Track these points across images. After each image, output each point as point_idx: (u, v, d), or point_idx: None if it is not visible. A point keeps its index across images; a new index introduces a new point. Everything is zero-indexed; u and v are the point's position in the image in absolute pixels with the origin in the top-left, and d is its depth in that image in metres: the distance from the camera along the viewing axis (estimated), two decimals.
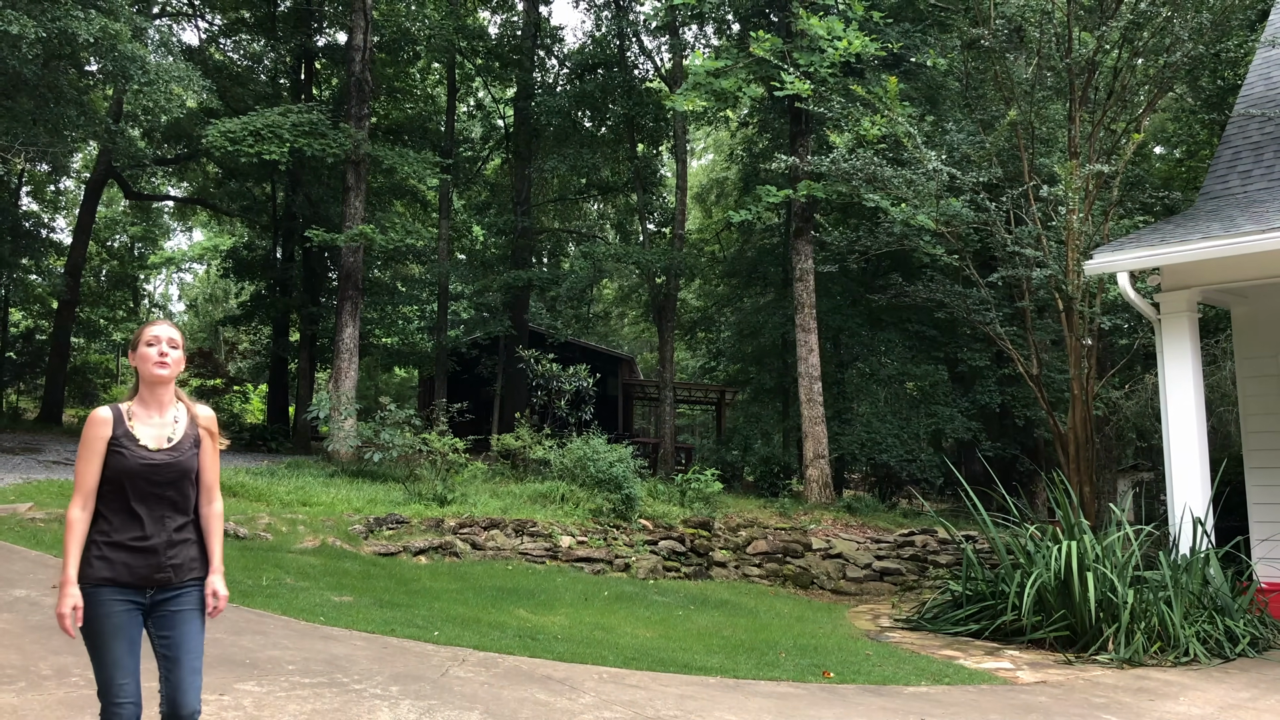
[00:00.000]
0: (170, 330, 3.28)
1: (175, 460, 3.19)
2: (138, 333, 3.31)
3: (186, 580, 3.23)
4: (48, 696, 4.61)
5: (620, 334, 39.79)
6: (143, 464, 3.13)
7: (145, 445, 3.16)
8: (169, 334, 3.28)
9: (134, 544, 3.12)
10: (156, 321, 3.33)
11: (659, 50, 22.58)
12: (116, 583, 3.10)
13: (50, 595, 6.56)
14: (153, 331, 3.26)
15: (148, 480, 3.14)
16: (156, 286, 46.89)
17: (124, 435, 3.17)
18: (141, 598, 3.14)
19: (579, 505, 12.32)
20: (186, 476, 3.22)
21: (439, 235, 22.47)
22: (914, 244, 13.23)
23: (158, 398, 3.26)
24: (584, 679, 5.88)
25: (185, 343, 3.34)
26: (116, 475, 3.13)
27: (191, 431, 3.29)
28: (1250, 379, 9.80)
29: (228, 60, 24.84)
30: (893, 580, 12.39)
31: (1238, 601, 8.05)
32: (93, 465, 3.15)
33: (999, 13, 11.21)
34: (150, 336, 3.25)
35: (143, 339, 3.26)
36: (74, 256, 22.88)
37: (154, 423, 3.23)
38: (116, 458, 3.13)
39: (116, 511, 3.14)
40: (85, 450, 3.17)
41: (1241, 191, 10.28)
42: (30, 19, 12.72)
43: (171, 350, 3.25)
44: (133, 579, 3.12)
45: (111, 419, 3.19)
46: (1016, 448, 19.74)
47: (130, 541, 3.12)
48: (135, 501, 3.13)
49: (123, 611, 3.11)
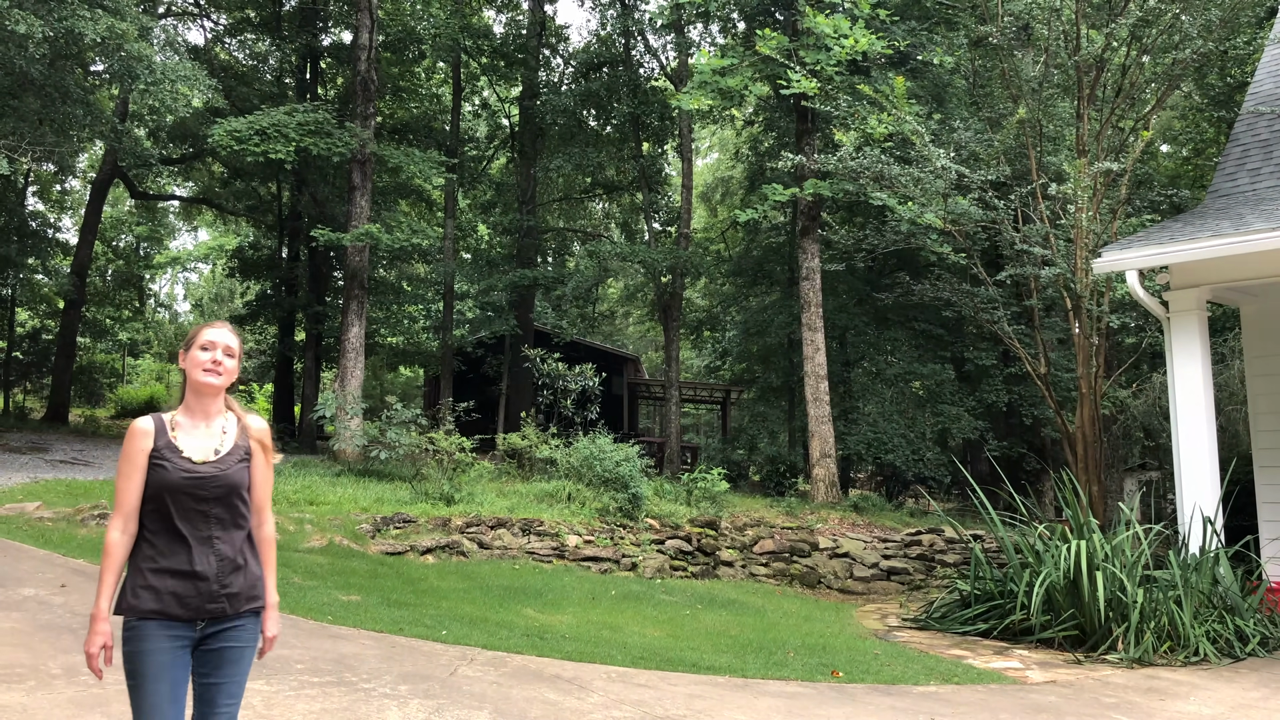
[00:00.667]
0: (228, 335, 2.95)
1: (222, 473, 2.85)
2: (192, 332, 2.97)
3: (244, 610, 2.87)
4: (57, 695, 4.61)
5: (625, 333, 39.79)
6: (185, 477, 2.79)
7: (189, 457, 2.83)
8: (226, 339, 2.94)
9: (183, 570, 2.76)
10: (215, 323, 2.98)
11: (664, 49, 22.55)
12: (165, 615, 2.74)
13: (59, 594, 6.57)
14: (209, 335, 2.93)
15: (191, 496, 2.79)
16: (162, 286, 47.01)
17: (166, 446, 2.84)
18: (191, 631, 2.79)
19: (585, 505, 12.31)
20: (236, 492, 2.88)
21: (444, 234, 22.47)
22: (921, 242, 13.20)
23: (205, 406, 2.93)
24: (592, 678, 5.87)
25: (241, 349, 3.01)
26: (158, 491, 2.79)
27: (242, 443, 2.96)
28: (1259, 377, 9.76)
29: (233, 60, 24.88)
30: (900, 579, 12.37)
31: (1248, 601, 8.02)
32: (133, 481, 2.81)
33: (1006, 10, 11.18)
34: (205, 340, 2.91)
35: (196, 341, 2.92)
36: (80, 256, 22.93)
37: (200, 433, 2.90)
38: (158, 471, 2.80)
39: (160, 533, 2.80)
40: (125, 465, 2.83)
41: (1250, 189, 10.24)
42: (37, 19, 12.74)
43: (226, 359, 2.92)
44: (183, 611, 2.75)
45: (153, 429, 2.86)
46: (1024, 447, 19.70)
47: (179, 567, 2.76)
48: (179, 520, 2.79)
49: (170, 649, 2.75)
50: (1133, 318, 11.51)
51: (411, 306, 25.67)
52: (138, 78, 14.51)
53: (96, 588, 2.74)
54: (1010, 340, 12.05)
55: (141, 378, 38.34)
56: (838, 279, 19.61)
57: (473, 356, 24.48)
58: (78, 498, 10.05)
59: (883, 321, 20.29)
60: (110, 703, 4.55)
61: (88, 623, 5.90)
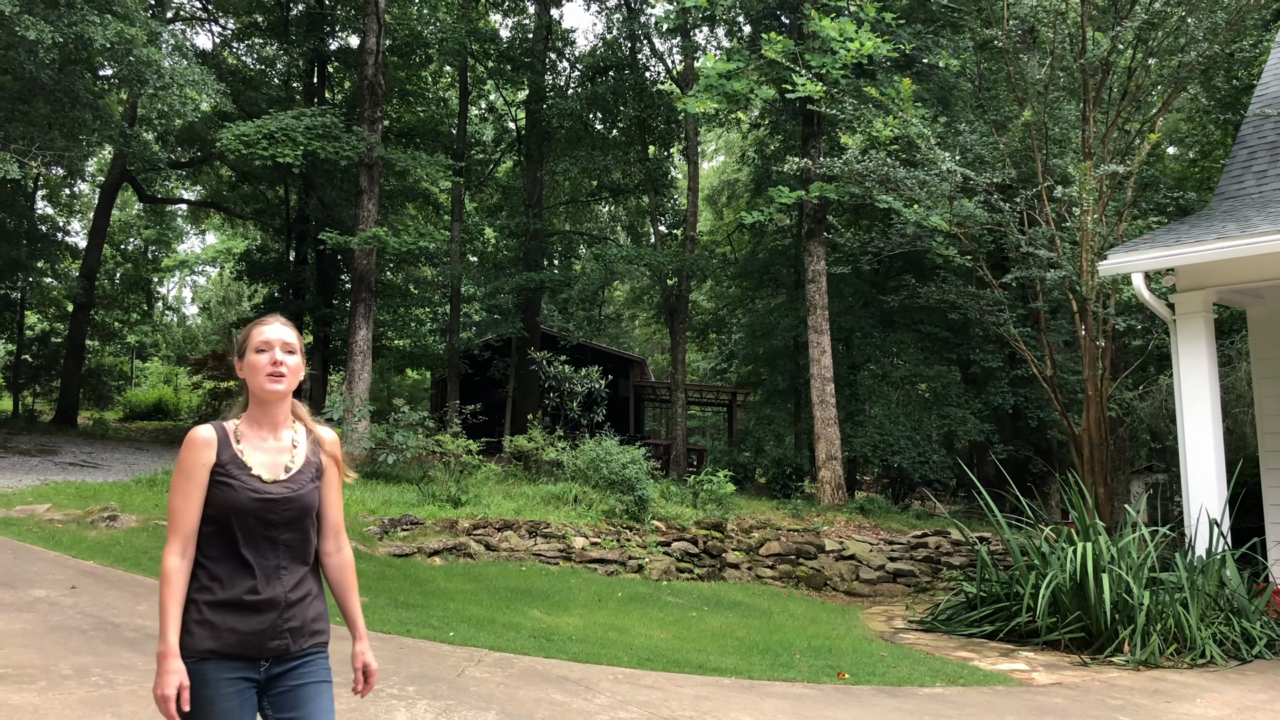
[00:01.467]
0: (285, 331, 2.61)
1: (295, 494, 2.52)
2: (244, 335, 2.63)
3: (309, 647, 2.55)
4: (68, 696, 4.64)
5: (632, 336, 39.82)
6: (256, 499, 2.46)
7: (258, 475, 2.50)
8: (283, 335, 2.59)
9: (244, 603, 2.43)
10: (267, 320, 2.63)
11: (670, 52, 22.61)
12: (224, 655, 2.42)
13: (70, 596, 6.62)
14: (263, 334, 2.58)
15: (261, 520, 2.47)
16: (170, 289, 47.19)
17: (231, 461, 2.50)
18: (255, 672, 2.47)
19: (592, 507, 12.34)
20: (308, 515, 2.56)
21: (451, 238, 22.53)
22: (927, 245, 13.21)
23: (272, 416, 2.59)
24: (599, 679, 5.90)
25: (302, 343, 2.66)
26: (222, 513, 2.45)
27: (314, 458, 2.64)
28: (1266, 380, 9.75)
29: (241, 64, 24.98)
30: (906, 582, 12.37)
31: (1254, 603, 8.01)
32: (193, 500, 2.46)
33: (1012, 13, 11.19)
34: (260, 341, 2.57)
35: (251, 343, 2.58)
36: (89, 260, 23.04)
37: (268, 446, 2.57)
38: (223, 490, 2.46)
39: (220, 561, 2.46)
40: (182, 480, 2.48)
41: (1257, 191, 10.24)
42: (47, 24, 12.82)
43: (288, 356, 2.57)
44: (243, 649, 2.43)
45: (216, 440, 2.51)
46: (1030, 449, 19.68)
47: (240, 600, 2.43)
48: (245, 548, 2.45)
49: (233, 692, 2.43)
50: (1139, 320, 11.51)
51: (418, 309, 25.74)
52: (146, 82, 14.60)
53: (160, 622, 2.40)
54: (1016, 343, 12.05)
55: (150, 380, 38.50)
56: (844, 282, 19.62)
57: (479, 359, 24.53)
58: (87, 500, 10.11)
59: (889, 324, 20.30)
60: (121, 703, 4.59)
61: (97, 624, 5.97)
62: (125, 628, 6.00)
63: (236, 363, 2.64)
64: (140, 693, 4.77)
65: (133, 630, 5.96)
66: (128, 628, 6.00)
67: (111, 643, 5.62)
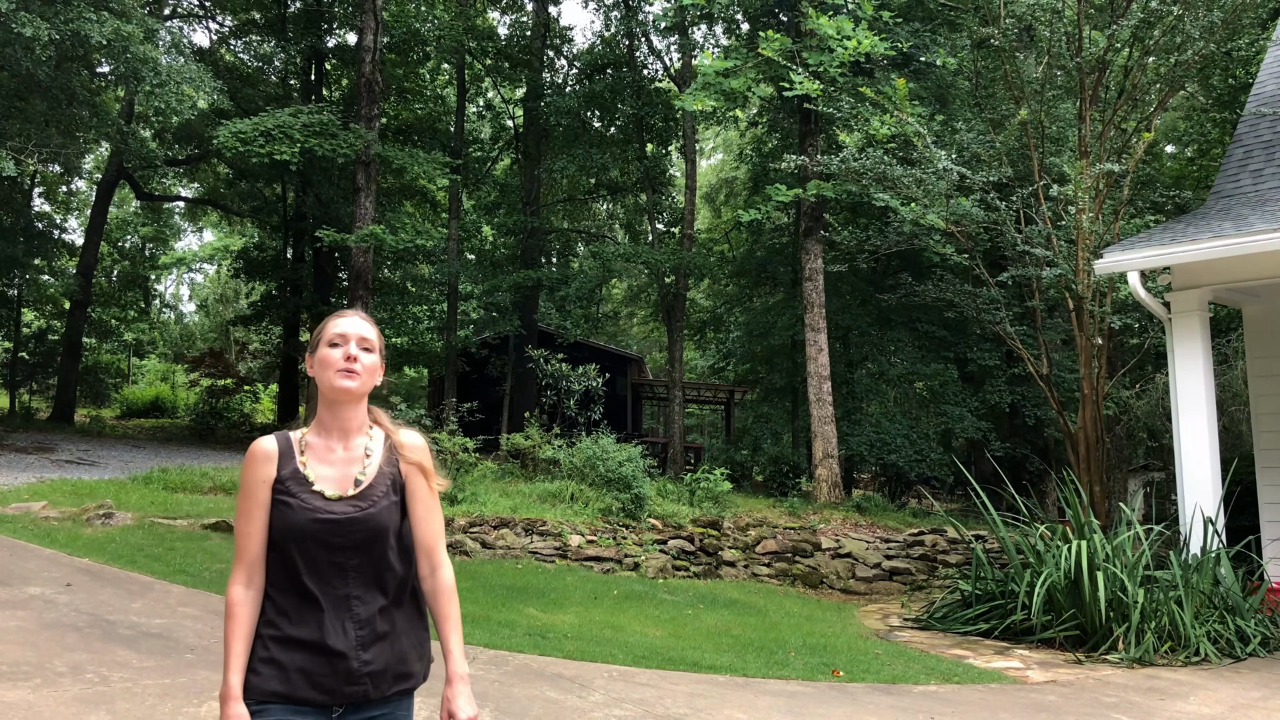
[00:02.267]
0: (362, 324, 2.31)
1: (363, 514, 2.18)
2: (317, 330, 2.35)
3: (391, 694, 2.21)
4: (63, 693, 4.65)
5: (629, 334, 39.83)
6: (315, 520, 2.15)
7: (320, 490, 2.19)
8: (359, 329, 2.29)
9: (313, 641, 2.14)
10: (344, 312, 2.35)
11: (668, 50, 22.58)
12: (291, 699, 2.13)
13: (65, 593, 6.61)
14: (337, 327, 2.29)
15: (324, 544, 2.15)
16: (167, 287, 47.16)
17: (292, 477, 2.20)
18: (326, 718, 2.17)
19: (588, 504, 12.35)
20: (382, 537, 2.20)
21: (448, 235, 22.52)
22: (924, 243, 13.22)
23: (342, 421, 2.27)
24: (594, 677, 5.90)
25: (381, 343, 2.37)
26: (281, 537, 2.17)
27: (390, 469, 2.28)
28: (1261, 378, 9.77)
29: (238, 61, 24.97)
30: (902, 580, 12.38)
31: (1249, 601, 8.03)
32: (255, 522, 2.18)
33: (1009, 12, 11.19)
34: (333, 334, 2.28)
35: (324, 336, 2.30)
36: (86, 257, 23.03)
37: (336, 457, 2.25)
38: (281, 510, 2.17)
39: (286, 591, 2.17)
40: (244, 501, 2.21)
41: (1253, 190, 10.25)
42: (44, 21, 12.81)
43: (363, 353, 2.27)
44: (314, 693, 2.13)
45: (276, 452, 2.23)
46: (1026, 447, 19.71)
47: (308, 637, 2.14)
48: (308, 576, 2.15)
49: None
50: (1135, 319, 11.52)
51: (416, 307, 25.73)
52: (143, 80, 14.58)
53: (224, 658, 2.15)
54: (1013, 341, 12.06)
55: (147, 378, 38.48)
56: (841, 280, 19.63)
57: (477, 357, 24.53)
58: (83, 497, 10.11)
59: (886, 322, 20.31)
60: (116, 700, 4.59)
61: (92, 621, 5.97)
62: (120, 625, 6.00)
63: (307, 359, 2.35)
64: (135, 690, 4.77)
65: (128, 628, 5.96)
66: (123, 625, 6.00)
67: (107, 640, 5.62)
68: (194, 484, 11.61)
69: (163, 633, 5.95)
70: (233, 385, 23.66)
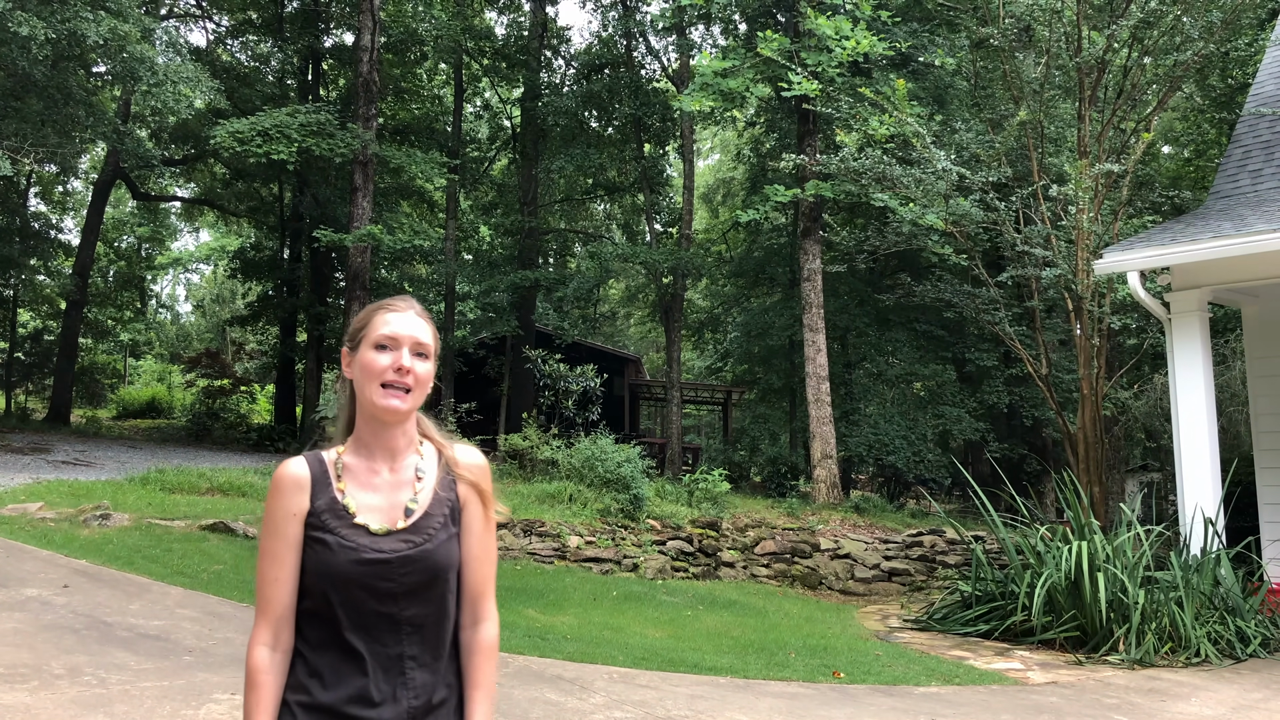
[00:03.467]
0: (418, 324, 1.83)
1: (418, 550, 1.75)
2: (363, 318, 1.86)
3: None
4: (60, 695, 4.62)
5: (627, 334, 39.81)
6: (360, 561, 1.72)
7: (364, 524, 1.76)
8: (415, 330, 1.82)
9: (353, 710, 1.70)
10: (396, 304, 1.86)
11: (666, 50, 22.56)
12: None
13: (62, 595, 6.58)
14: (388, 325, 1.81)
15: (370, 591, 1.72)
16: (164, 287, 47.11)
17: (329, 509, 1.77)
18: None
19: (587, 505, 12.32)
20: (441, 578, 1.77)
21: (446, 235, 22.49)
22: (922, 244, 13.21)
23: (388, 439, 1.83)
24: (594, 678, 5.88)
25: (438, 344, 1.89)
26: (317, 582, 1.73)
27: (447, 494, 1.84)
28: (1261, 379, 9.77)
29: (235, 61, 24.91)
30: (901, 581, 12.37)
31: (1249, 602, 8.02)
32: (284, 565, 1.76)
33: (1008, 12, 11.19)
34: (383, 334, 1.80)
35: (370, 334, 1.82)
36: (82, 257, 22.97)
37: (381, 481, 1.81)
38: (316, 551, 1.74)
39: (322, 649, 1.74)
40: (269, 539, 1.77)
41: (1252, 190, 10.24)
42: (40, 20, 12.76)
43: (418, 362, 1.81)
44: None
45: (309, 479, 1.79)
46: (1025, 448, 19.71)
47: (349, 709, 1.70)
48: (352, 631, 1.72)
49: None
50: (1134, 319, 11.52)
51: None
52: (140, 79, 14.54)
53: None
54: (1012, 341, 12.06)
55: (143, 379, 38.42)
56: (839, 280, 19.62)
57: (474, 357, 24.49)
58: (80, 498, 10.07)
59: (884, 322, 20.30)
60: (114, 703, 4.56)
61: (89, 623, 5.94)
62: (118, 627, 5.97)
63: (344, 355, 1.87)
64: (133, 692, 4.74)
65: (125, 630, 5.93)
66: (120, 627, 5.97)
67: (104, 642, 5.59)
68: (191, 485, 11.57)
69: (160, 634, 5.92)
70: (229, 386, 23.62)
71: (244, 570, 8.09)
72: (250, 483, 11.69)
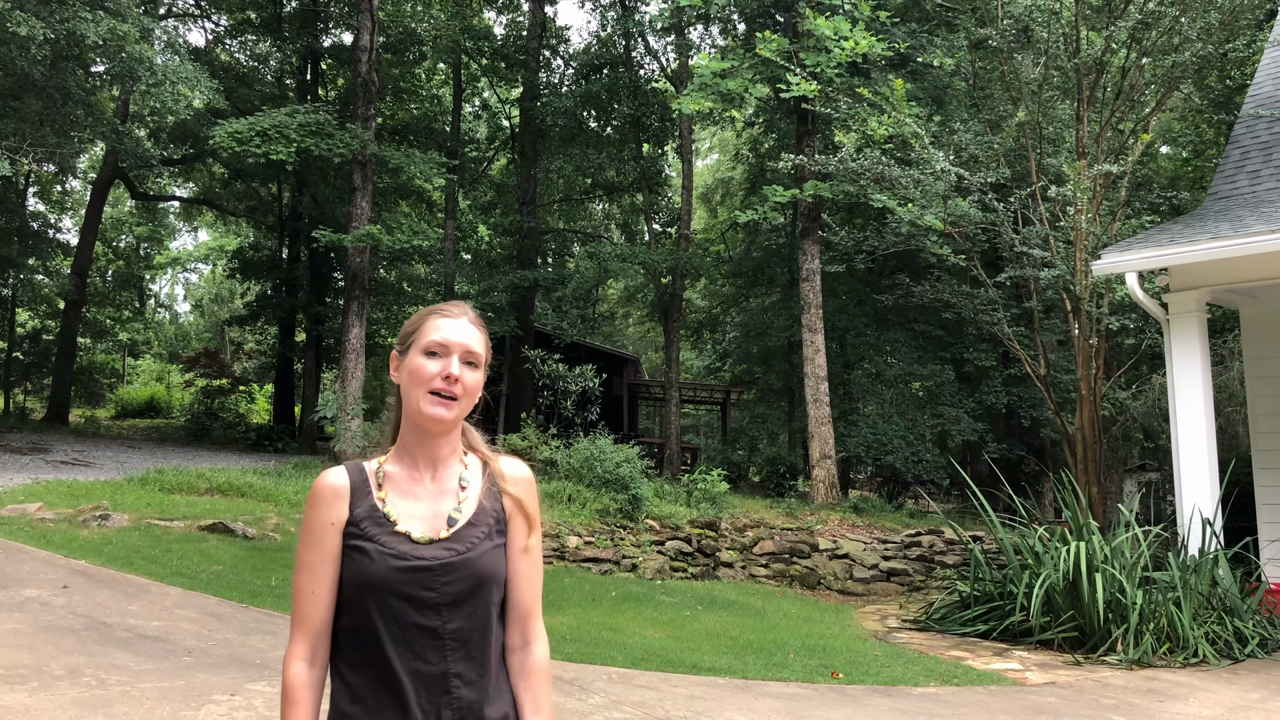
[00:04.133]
0: (470, 332, 1.78)
1: (460, 558, 1.70)
2: (415, 322, 1.82)
3: None
4: (60, 696, 4.62)
5: (625, 334, 39.80)
6: (400, 569, 1.67)
7: (406, 533, 1.71)
8: (467, 338, 1.77)
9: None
10: (450, 309, 1.81)
11: (665, 50, 22.56)
12: None
13: (61, 596, 6.58)
14: (439, 331, 1.77)
15: (411, 601, 1.66)
16: (162, 287, 47.09)
17: (368, 516, 1.72)
18: None
19: (586, 506, 12.33)
20: (486, 589, 1.72)
21: (445, 236, 22.49)
22: (921, 244, 13.22)
23: (431, 449, 1.79)
24: (593, 679, 5.89)
25: (489, 353, 1.84)
26: (356, 594, 1.68)
27: (492, 505, 1.79)
28: (1259, 379, 9.78)
29: (234, 61, 24.91)
30: (900, 581, 12.38)
31: (1247, 602, 8.03)
32: (322, 578, 1.70)
33: (1006, 13, 11.20)
34: (434, 341, 1.76)
35: (421, 340, 1.78)
36: (80, 257, 22.96)
37: (423, 490, 1.77)
38: (355, 560, 1.69)
39: (360, 667, 1.68)
40: (307, 550, 1.72)
41: (1250, 191, 10.26)
42: (39, 20, 12.76)
43: (468, 371, 1.76)
44: None
45: (348, 488, 1.75)
46: (1023, 448, 19.72)
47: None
48: (392, 645, 1.65)
49: None
50: (1132, 319, 11.53)
51: (412, 307, 25.69)
52: (139, 79, 14.53)
53: None
54: (1010, 342, 12.07)
55: (142, 378, 38.41)
56: (838, 280, 19.62)
57: None
58: (79, 499, 10.07)
59: (882, 323, 20.31)
60: (114, 704, 4.57)
61: (89, 623, 5.94)
62: (117, 628, 5.97)
63: (393, 359, 1.82)
64: (132, 693, 4.75)
65: (125, 630, 5.93)
66: (120, 628, 5.98)
67: (104, 643, 5.60)
68: (190, 485, 11.57)
69: (160, 635, 5.92)
70: (228, 385, 23.60)
71: (243, 571, 8.10)
72: (249, 483, 11.69)
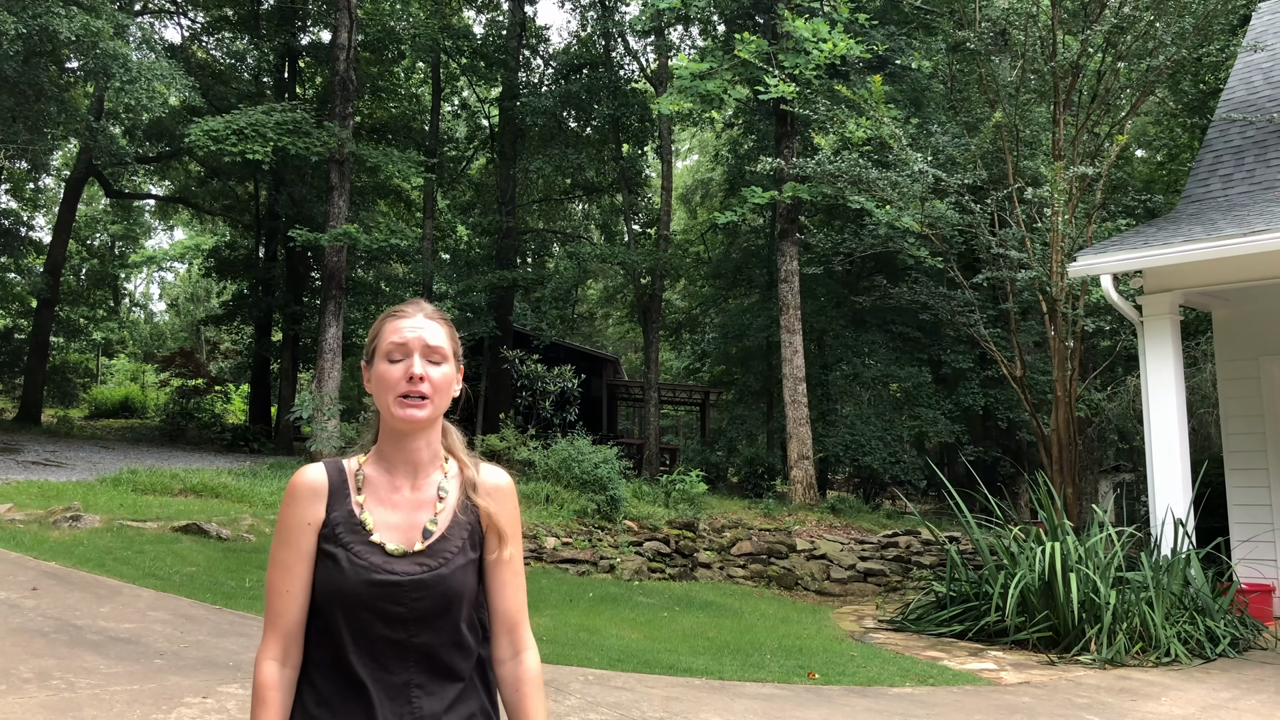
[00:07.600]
0: (430, 328, 1.76)
1: (432, 575, 1.67)
2: (375, 332, 1.80)
3: None
4: (28, 700, 4.56)
5: (605, 335, 39.78)
6: (371, 582, 1.64)
7: (381, 544, 1.68)
8: (425, 335, 1.75)
9: None
10: (405, 310, 1.80)
11: (645, 51, 22.60)
12: None
13: (31, 598, 6.50)
14: (398, 332, 1.75)
15: (379, 615, 1.64)
16: (137, 285, 46.64)
17: (344, 522, 1.70)
18: None
19: (564, 506, 12.31)
20: (455, 607, 1.68)
21: (423, 235, 22.39)
22: (899, 246, 13.29)
23: (409, 453, 1.76)
24: (570, 680, 5.87)
25: (456, 345, 1.82)
26: (324, 601, 1.67)
27: (467, 517, 1.76)
28: (1230, 381, 9.88)
29: (210, 58, 24.71)
30: (877, 581, 12.43)
31: (1218, 602, 8.11)
32: (295, 577, 1.69)
33: (984, 15, 11.27)
34: (392, 343, 1.74)
35: (380, 345, 1.76)
36: (54, 255, 22.71)
37: (402, 499, 1.74)
38: (326, 566, 1.67)
39: (327, 671, 1.67)
40: (281, 548, 1.70)
41: (1223, 195, 10.37)
42: (11, 15, 12.61)
43: (432, 368, 1.73)
44: None
45: (326, 486, 1.73)
46: (999, 449, 19.85)
47: None
48: (356, 655, 1.64)
49: None
50: (1107, 321, 11.63)
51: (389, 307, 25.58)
52: (113, 75, 14.39)
53: None
54: (987, 343, 12.14)
55: (116, 378, 38.01)
56: (816, 282, 19.69)
57: None
58: (50, 500, 9.95)
59: (860, 324, 20.39)
60: (83, 707, 4.51)
61: (59, 626, 5.86)
62: (88, 630, 5.90)
63: (364, 370, 1.80)
64: (102, 696, 4.69)
65: (96, 633, 5.86)
66: (91, 630, 5.90)
67: (74, 645, 5.53)
68: (164, 486, 11.46)
69: (132, 637, 5.86)
70: (204, 385, 23.41)
71: (217, 572, 8.03)
72: (224, 483, 11.59)
